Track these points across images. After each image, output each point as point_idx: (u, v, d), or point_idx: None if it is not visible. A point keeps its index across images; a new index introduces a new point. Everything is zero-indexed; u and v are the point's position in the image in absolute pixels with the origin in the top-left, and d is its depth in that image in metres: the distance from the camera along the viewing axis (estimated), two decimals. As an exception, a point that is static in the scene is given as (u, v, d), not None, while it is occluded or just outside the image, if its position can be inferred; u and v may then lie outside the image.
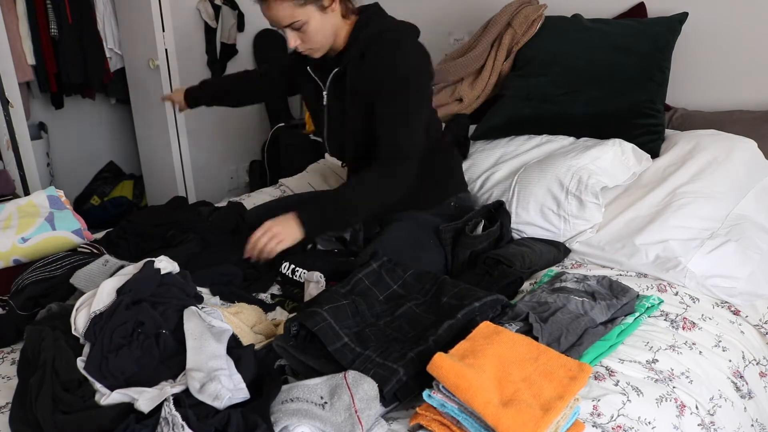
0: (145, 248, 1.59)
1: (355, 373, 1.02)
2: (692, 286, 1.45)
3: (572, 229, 1.66)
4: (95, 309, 1.12)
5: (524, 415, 0.92)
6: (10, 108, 2.68)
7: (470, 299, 1.20)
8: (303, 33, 1.52)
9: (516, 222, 1.71)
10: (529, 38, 2.07)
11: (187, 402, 0.94)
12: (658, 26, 1.94)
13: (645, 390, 1.12)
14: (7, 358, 1.26)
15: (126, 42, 3.39)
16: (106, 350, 1.07)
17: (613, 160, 1.72)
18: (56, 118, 3.71)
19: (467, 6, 1.72)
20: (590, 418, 1.04)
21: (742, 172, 1.67)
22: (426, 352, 1.08)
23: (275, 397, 1.00)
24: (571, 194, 1.65)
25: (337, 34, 1.58)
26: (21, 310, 1.34)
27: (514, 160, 1.86)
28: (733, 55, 1.94)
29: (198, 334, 1.08)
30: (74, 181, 3.83)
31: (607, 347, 1.20)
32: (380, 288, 1.32)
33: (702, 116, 1.95)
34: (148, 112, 3.40)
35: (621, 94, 1.87)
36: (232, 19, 3.45)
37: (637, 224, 1.60)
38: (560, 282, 1.37)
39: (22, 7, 3.16)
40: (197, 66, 3.46)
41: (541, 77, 2.00)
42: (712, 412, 1.17)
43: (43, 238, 1.57)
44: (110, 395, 0.98)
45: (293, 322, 1.15)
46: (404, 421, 1.02)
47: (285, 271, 1.52)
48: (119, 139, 4.02)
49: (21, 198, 1.70)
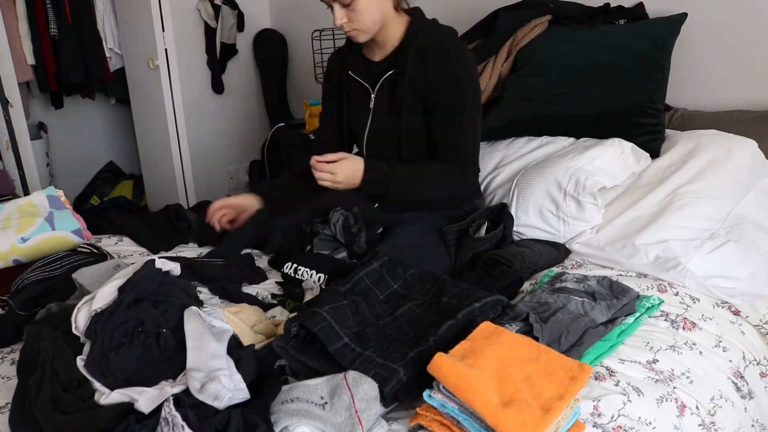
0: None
1: (355, 374, 1.02)
2: (692, 286, 1.45)
3: (572, 230, 1.65)
4: (96, 307, 1.12)
5: (524, 416, 0.92)
6: (10, 108, 2.69)
7: (470, 299, 1.20)
8: (351, 11, 1.51)
9: (516, 224, 1.71)
10: (529, 40, 2.07)
11: (187, 402, 0.94)
12: (658, 26, 1.95)
13: (645, 390, 1.12)
14: (7, 358, 1.26)
15: (126, 42, 3.40)
16: (106, 349, 1.07)
17: (611, 159, 1.71)
18: (56, 118, 3.71)
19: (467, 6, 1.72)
20: (591, 419, 1.04)
21: (743, 172, 1.67)
22: (426, 352, 1.07)
23: (275, 398, 1.00)
24: (569, 196, 1.65)
25: (386, 24, 1.58)
26: (21, 310, 1.34)
27: (514, 163, 1.86)
28: (733, 55, 1.94)
29: (198, 334, 1.08)
30: (74, 181, 3.84)
31: (607, 347, 1.20)
32: (381, 287, 1.32)
33: (702, 116, 1.95)
34: (148, 112, 3.40)
35: (621, 93, 1.87)
36: (232, 19, 3.46)
37: (637, 224, 1.60)
38: (560, 282, 1.37)
39: (22, 7, 3.16)
40: (197, 66, 3.46)
41: (541, 77, 2.00)
42: (713, 412, 1.17)
43: (43, 238, 1.57)
44: (110, 395, 0.98)
45: (293, 322, 1.15)
46: (404, 421, 1.02)
47: (287, 271, 1.51)
48: (119, 139, 4.02)
49: (21, 198, 1.70)
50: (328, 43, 2.97)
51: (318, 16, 3.24)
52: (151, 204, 3.71)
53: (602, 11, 2.07)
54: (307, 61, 3.32)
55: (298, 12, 3.48)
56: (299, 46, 3.50)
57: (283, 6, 3.57)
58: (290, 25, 3.56)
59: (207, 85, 3.55)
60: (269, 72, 3.66)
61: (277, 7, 3.61)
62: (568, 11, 2.09)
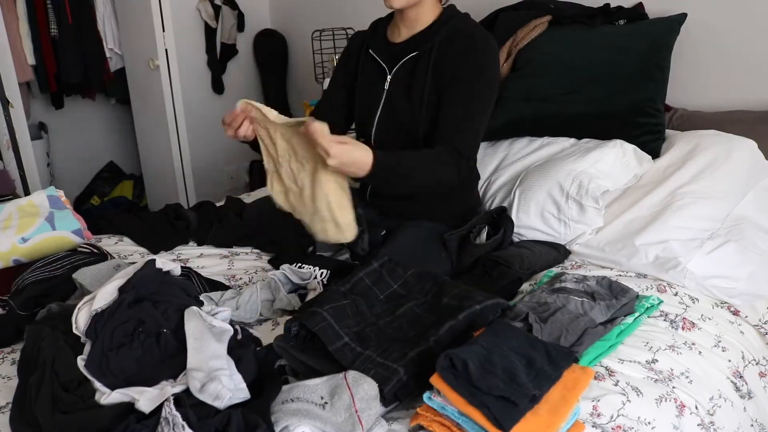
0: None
1: (355, 373, 1.02)
2: (692, 286, 1.45)
3: (572, 233, 1.65)
4: (96, 307, 1.12)
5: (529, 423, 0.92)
6: (10, 108, 2.69)
7: (471, 301, 1.20)
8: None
9: (517, 226, 1.71)
10: (529, 40, 2.07)
11: (188, 402, 0.94)
12: (658, 26, 1.95)
13: (645, 390, 1.12)
14: (7, 358, 1.26)
15: (126, 42, 3.40)
16: (106, 348, 1.07)
17: (614, 162, 1.72)
18: (56, 118, 3.71)
19: (467, 6, 1.72)
20: (590, 419, 1.04)
21: (742, 172, 1.67)
22: (426, 352, 1.08)
23: (275, 397, 1.00)
24: (571, 199, 1.65)
25: (423, 2, 1.58)
26: (21, 310, 1.34)
27: (516, 164, 1.86)
28: (733, 55, 1.94)
29: (199, 334, 1.08)
30: (74, 181, 3.84)
31: (606, 347, 1.20)
32: (381, 287, 1.32)
33: (702, 116, 1.95)
34: (148, 112, 3.40)
35: (621, 93, 1.87)
36: (232, 19, 3.46)
37: (637, 225, 1.60)
38: (560, 282, 1.37)
39: (22, 7, 3.16)
40: (197, 66, 3.46)
41: (541, 78, 2.00)
42: (712, 412, 1.17)
43: (43, 238, 1.57)
44: (110, 394, 0.98)
45: (293, 322, 1.15)
46: (404, 421, 1.02)
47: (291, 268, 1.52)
48: (119, 139, 4.03)
49: (21, 198, 1.70)
50: (328, 43, 2.97)
51: (318, 16, 3.24)
52: (151, 204, 3.71)
53: (602, 11, 2.07)
54: (307, 61, 3.32)
55: (298, 12, 3.48)
56: (299, 46, 3.50)
57: (283, 6, 3.57)
58: (290, 25, 3.56)
59: (207, 85, 3.55)
60: (269, 72, 3.67)
61: (277, 7, 3.61)
62: (568, 11, 2.10)
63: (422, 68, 1.61)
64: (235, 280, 1.58)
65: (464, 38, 1.59)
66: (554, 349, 1.05)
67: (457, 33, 1.60)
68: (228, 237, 1.78)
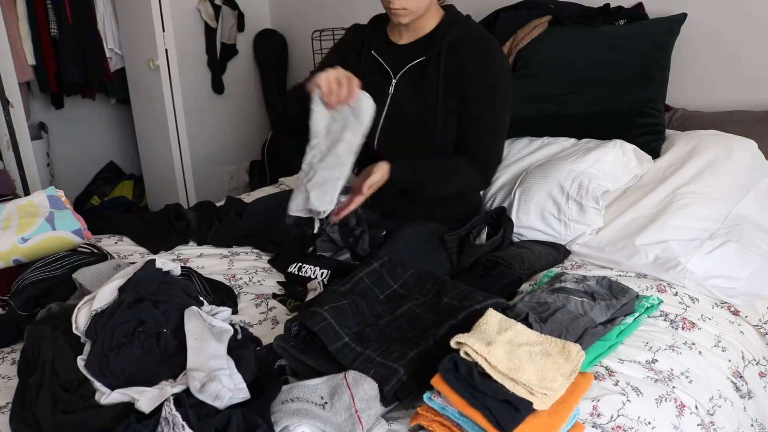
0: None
1: (355, 373, 1.03)
2: (692, 286, 1.45)
3: (572, 233, 1.65)
4: (96, 307, 1.12)
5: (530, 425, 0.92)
6: (10, 108, 2.69)
7: (471, 301, 1.20)
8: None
9: (517, 226, 1.71)
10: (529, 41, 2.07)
11: (188, 402, 0.94)
12: (657, 26, 1.95)
13: (645, 390, 1.12)
14: (7, 358, 1.26)
15: (126, 42, 3.40)
16: (106, 348, 1.07)
17: (614, 162, 1.71)
18: (56, 118, 3.71)
19: (467, 6, 1.73)
20: (590, 419, 1.04)
21: (742, 172, 1.68)
22: (426, 352, 1.08)
23: (275, 397, 1.00)
24: (571, 199, 1.65)
25: (428, 10, 1.59)
26: (21, 310, 1.34)
27: (516, 165, 1.86)
28: (733, 55, 1.94)
29: (199, 334, 1.08)
30: (74, 181, 3.83)
31: (606, 347, 1.20)
32: (381, 287, 1.33)
33: (702, 116, 1.96)
34: (148, 112, 3.40)
35: (621, 93, 1.87)
36: (232, 19, 3.46)
37: (637, 225, 1.60)
38: (560, 282, 1.37)
39: (22, 7, 3.16)
40: (197, 66, 3.46)
41: (541, 78, 2.00)
42: (712, 412, 1.17)
43: (43, 238, 1.57)
44: (110, 394, 0.98)
45: (294, 322, 1.15)
46: (405, 421, 1.02)
47: (291, 270, 1.52)
48: (119, 139, 4.02)
49: (21, 198, 1.70)
50: (328, 43, 2.97)
51: (318, 16, 3.24)
52: (151, 204, 3.71)
53: (602, 11, 2.07)
54: (307, 61, 3.32)
55: (298, 12, 3.48)
56: (299, 46, 3.50)
57: (283, 6, 3.57)
58: (290, 25, 3.56)
59: (207, 85, 3.55)
60: (269, 72, 3.66)
61: (277, 7, 3.61)
62: (568, 12, 2.10)
63: (432, 73, 1.61)
64: (235, 280, 1.58)
65: (472, 48, 1.59)
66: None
67: (463, 41, 1.60)
68: (228, 237, 1.78)
